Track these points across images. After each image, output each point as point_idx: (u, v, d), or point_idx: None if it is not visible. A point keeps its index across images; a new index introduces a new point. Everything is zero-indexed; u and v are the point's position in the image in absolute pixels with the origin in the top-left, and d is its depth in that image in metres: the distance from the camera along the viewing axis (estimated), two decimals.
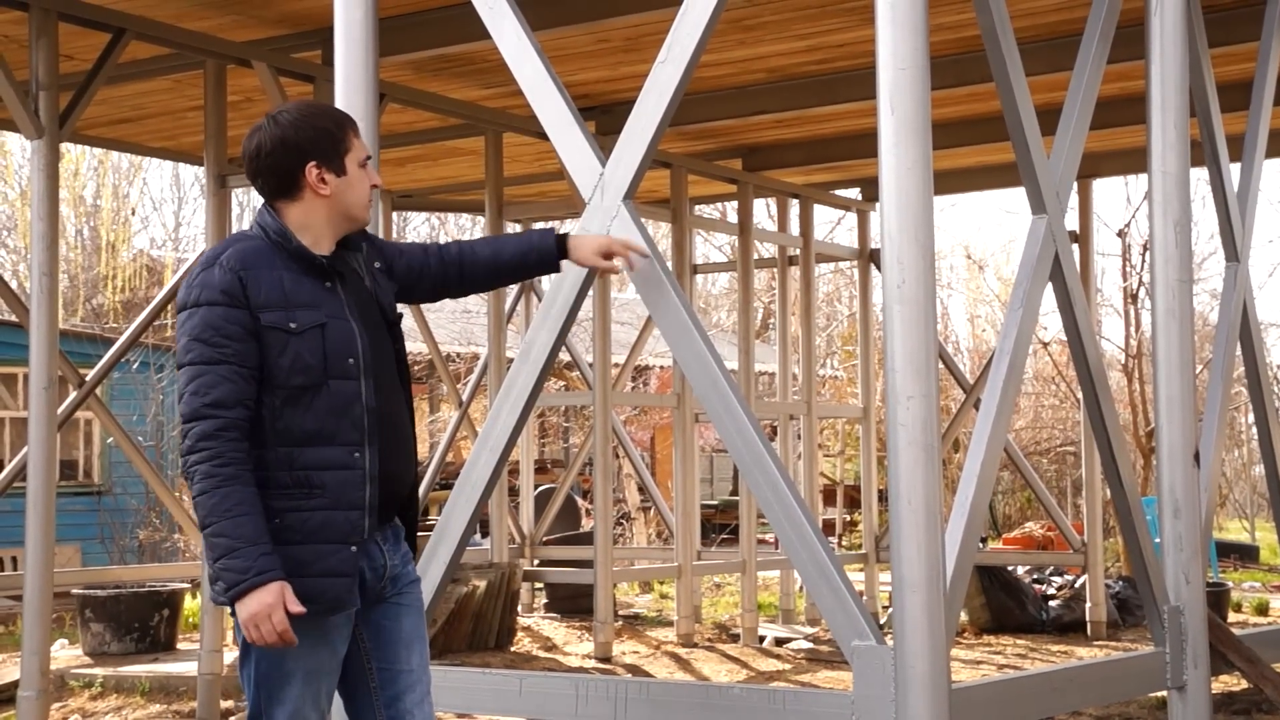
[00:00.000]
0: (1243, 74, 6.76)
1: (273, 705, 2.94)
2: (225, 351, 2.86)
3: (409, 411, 3.14)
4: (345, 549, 2.91)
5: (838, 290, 23.28)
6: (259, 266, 2.92)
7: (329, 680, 3.00)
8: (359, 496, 2.92)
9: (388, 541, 3.07)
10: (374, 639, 3.07)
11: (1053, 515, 10.26)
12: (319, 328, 2.92)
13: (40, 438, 6.04)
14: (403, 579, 3.10)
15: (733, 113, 8.24)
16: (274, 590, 2.79)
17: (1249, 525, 21.08)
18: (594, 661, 8.26)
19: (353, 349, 2.96)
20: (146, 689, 7.25)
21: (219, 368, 2.85)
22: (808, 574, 3.77)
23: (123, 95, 7.68)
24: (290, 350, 2.89)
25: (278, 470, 2.90)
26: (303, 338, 2.90)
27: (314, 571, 2.89)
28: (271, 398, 2.90)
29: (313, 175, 3.00)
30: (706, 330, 4.07)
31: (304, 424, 2.90)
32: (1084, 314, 4.60)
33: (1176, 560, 4.65)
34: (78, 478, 14.20)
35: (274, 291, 2.91)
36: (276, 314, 2.89)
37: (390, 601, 3.08)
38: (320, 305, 2.95)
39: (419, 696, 3.07)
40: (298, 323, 2.90)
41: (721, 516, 16.92)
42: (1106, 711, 6.52)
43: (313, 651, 2.93)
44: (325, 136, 3.01)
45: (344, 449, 2.92)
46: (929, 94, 3.69)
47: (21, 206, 19.69)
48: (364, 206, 3.09)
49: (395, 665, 3.06)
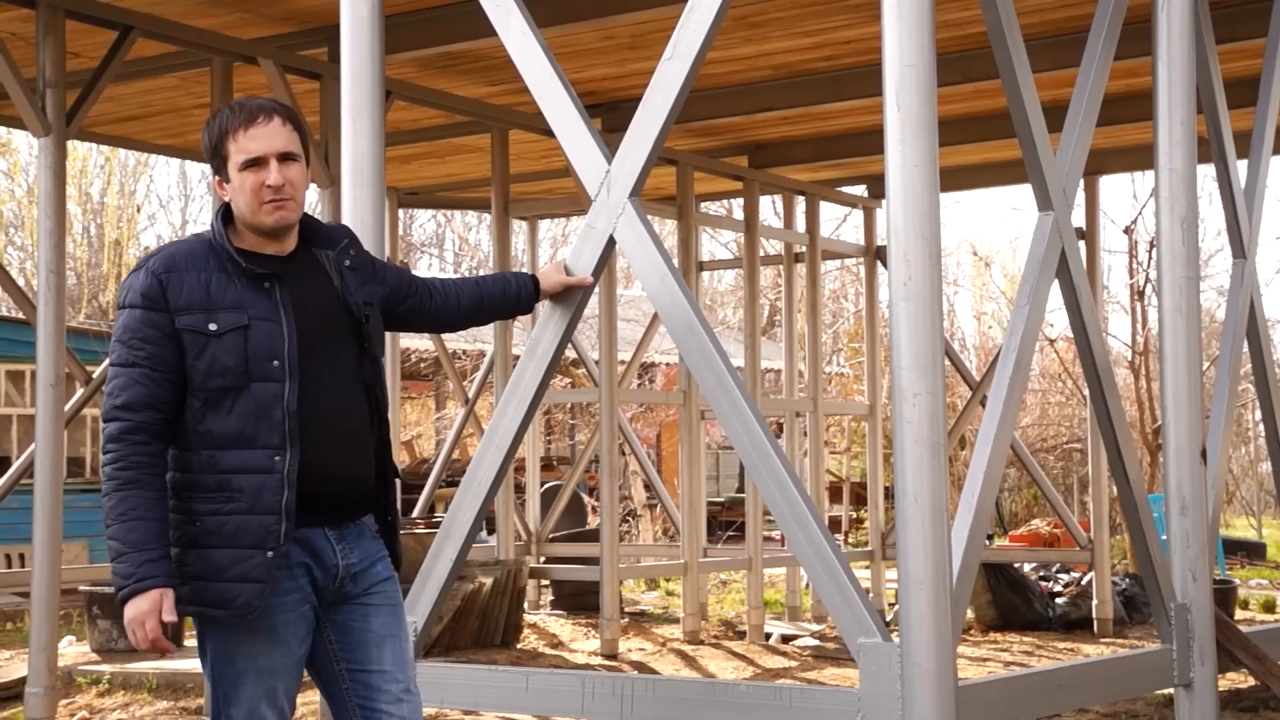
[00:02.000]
0: (1250, 70, 6.74)
1: (229, 705, 2.95)
2: (139, 355, 2.88)
3: (374, 409, 3.07)
4: (259, 554, 2.87)
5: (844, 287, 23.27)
6: (186, 269, 2.91)
7: (285, 680, 2.97)
8: (275, 501, 2.88)
9: (346, 540, 3.01)
10: (342, 640, 3.03)
11: (1059, 512, 10.25)
12: (240, 329, 2.89)
13: (47, 435, 6.05)
14: (369, 578, 3.05)
15: (739, 109, 8.24)
16: (151, 598, 2.81)
17: (1256, 522, 21.06)
18: (600, 658, 8.26)
19: (277, 350, 2.91)
20: (153, 685, 7.27)
21: (132, 370, 2.88)
22: (814, 571, 3.77)
23: (129, 93, 7.69)
24: (209, 352, 2.88)
25: (201, 473, 2.89)
26: (222, 340, 2.88)
27: (227, 576, 2.87)
28: (193, 400, 2.90)
29: (215, 182, 3.04)
30: (712, 327, 4.06)
31: (225, 427, 2.89)
32: (1090, 311, 4.59)
33: (1183, 557, 4.65)
34: (85, 475, 14.22)
35: (196, 294, 2.90)
36: (195, 317, 2.88)
37: (357, 602, 3.04)
38: (247, 306, 2.91)
39: (394, 695, 3.02)
40: (218, 324, 2.88)
41: (728, 513, 16.92)
42: (1113, 709, 6.51)
43: (263, 651, 2.93)
44: (208, 147, 3.01)
45: (264, 452, 2.89)
46: (935, 91, 3.69)
47: (28, 204, 19.72)
48: (255, 210, 2.95)
49: (366, 665, 3.02)
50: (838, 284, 22.81)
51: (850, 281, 22.86)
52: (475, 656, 8.15)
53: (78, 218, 20.77)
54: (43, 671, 5.92)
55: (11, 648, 8.72)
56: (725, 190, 10.76)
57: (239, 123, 2.97)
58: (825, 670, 7.98)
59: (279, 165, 2.97)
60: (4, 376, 14.08)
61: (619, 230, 4.07)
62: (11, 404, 14.06)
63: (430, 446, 19.40)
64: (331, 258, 3.09)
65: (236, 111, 3.00)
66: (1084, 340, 4.60)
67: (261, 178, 2.95)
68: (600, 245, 4.10)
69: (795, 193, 10.22)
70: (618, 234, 4.08)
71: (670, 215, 9.34)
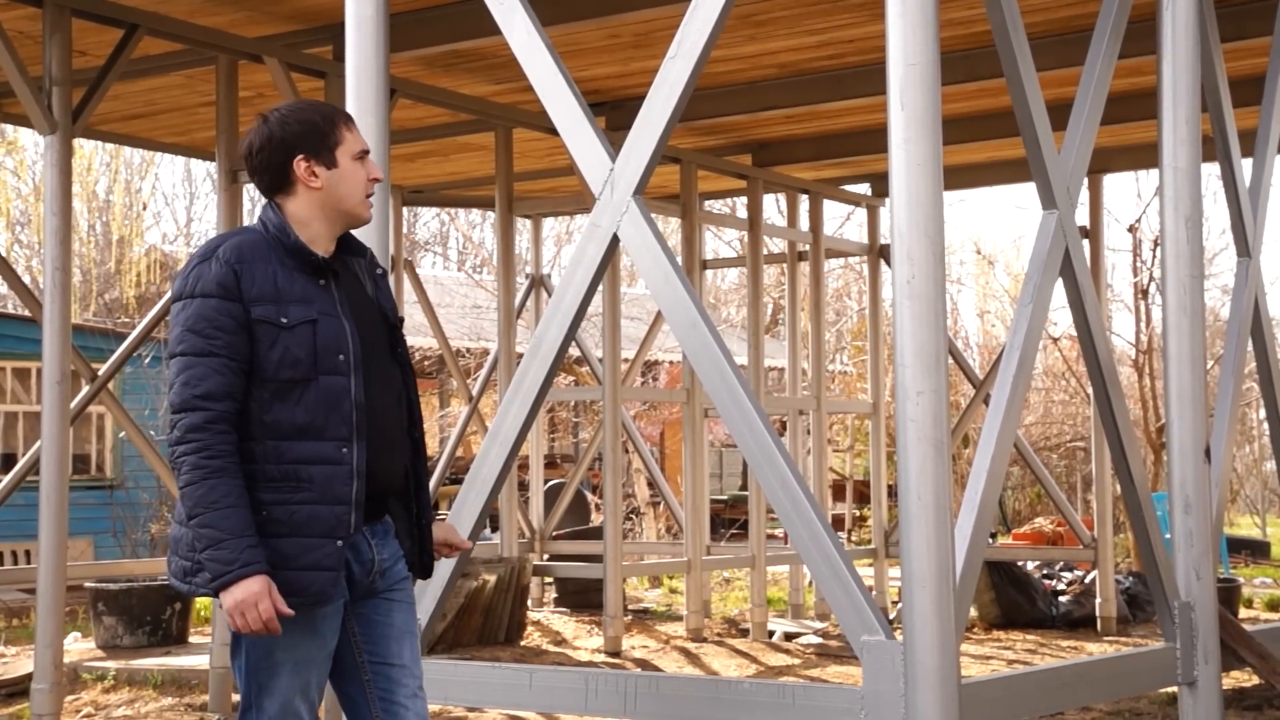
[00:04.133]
0: (1255, 69, 6.75)
1: (263, 695, 2.97)
2: (216, 344, 2.89)
3: (408, 409, 3.15)
4: (331, 543, 2.92)
5: (847, 285, 23.27)
6: (254, 260, 2.95)
7: (318, 671, 3.02)
8: (345, 491, 2.93)
9: (376, 536, 3.08)
10: (366, 633, 3.09)
11: (1063, 510, 10.25)
12: (310, 323, 2.94)
13: (53, 432, 6.06)
14: (393, 575, 3.12)
15: (743, 108, 8.24)
16: (260, 580, 2.83)
17: (1260, 521, 21.04)
18: (603, 656, 8.27)
19: (343, 345, 2.97)
20: (158, 682, 7.29)
21: (210, 360, 2.88)
22: (817, 569, 3.77)
23: (135, 91, 7.71)
24: (280, 344, 2.92)
25: (265, 463, 2.91)
26: (293, 332, 2.92)
27: (299, 565, 2.91)
28: (260, 391, 2.92)
29: (301, 168, 3.02)
30: (716, 325, 4.07)
31: (293, 418, 2.92)
32: (1094, 309, 4.59)
33: (1187, 556, 4.65)
34: (90, 472, 14.24)
35: (266, 286, 2.93)
36: (268, 308, 2.92)
37: (381, 596, 3.10)
38: (313, 301, 2.97)
39: (411, 690, 3.09)
40: (289, 317, 2.93)
41: (731, 511, 16.91)
42: (1116, 707, 6.52)
43: (301, 643, 2.96)
44: (312, 130, 3.03)
45: (333, 444, 2.93)
46: (939, 89, 3.69)
47: (35, 202, 19.76)
48: (359, 200, 3.08)
49: (388, 659, 3.08)
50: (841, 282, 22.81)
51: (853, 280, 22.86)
52: (479, 654, 8.16)
53: (83, 215, 20.80)
54: (48, 667, 5.94)
55: (17, 644, 8.75)
56: (729, 189, 10.76)
57: (344, 117, 3.08)
58: (828, 668, 7.99)
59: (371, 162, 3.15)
60: (10, 374, 14.11)
61: (623, 228, 4.08)
62: (18, 401, 14.09)
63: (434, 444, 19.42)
64: (364, 265, 3.16)
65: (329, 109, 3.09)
66: (1088, 339, 4.61)
67: (369, 171, 3.08)
68: (604, 243, 4.12)
69: (799, 191, 10.22)
70: (622, 232, 4.09)
71: (674, 213, 9.35)
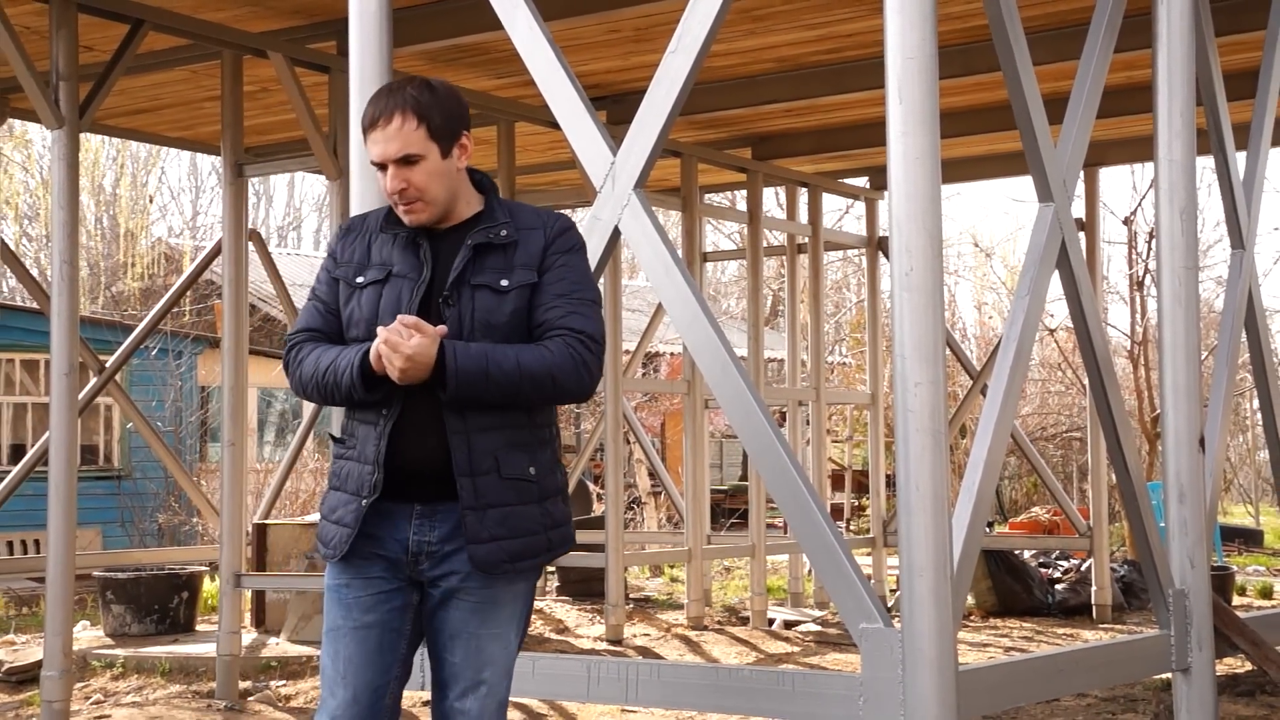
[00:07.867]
0: (1249, 62, 6.78)
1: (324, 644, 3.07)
2: (315, 291, 3.15)
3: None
4: (356, 500, 2.98)
5: (846, 278, 23.31)
6: (361, 229, 3.12)
7: (347, 644, 2.98)
8: (374, 452, 2.95)
9: (426, 518, 2.97)
10: (427, 624, 3.05)
11: (1059, 500, 10.31)
12: (377, 284, 3.02)
13: (61, 423, 6.11)
14: (448, 566, 2.97)
15: (743, 102, 8.28)
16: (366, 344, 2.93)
17: (1253, 510, 21.10)
18: (605, 644, 8.33)
19: (400, 307, 2.96)
20: (166, 669, 7.35)
21: (307, 304, 3.14)
22: (816, 558, 3.80)
23: (141, 86, 7.75)
24: (352, 303, 3.05)
25: (346, 419, 3.07)
26: (362, 293, 3.04)
27: (332, 518, 3.02)
28: None
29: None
30: (716, 317, 4.11)
31: None
32: (1090, 301, 4.62)
33: (1181, 544, 4.67)
34: (98, 462, 14.30)
35: (359, 249, 3.09)
36: (348, 269, 3.08)
37: (438, 587, 3.00)
38: (392, 264, 3.03)
39: (459, 692, 3.00)
40: (364, 278, 3.05)
41: (731, 501, 16.96)
42: (1112, 693, 6.58)
43: (333, 609, 3.03)
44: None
45: (375, 407, 2.98)
46: (937, 83, 3.70)
47: (43, 195, 19.79)
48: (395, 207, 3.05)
49: (439, 654, 3.03)
50: (840, 275, 22.86)
51: (852, 272, 22.90)
52: None
53: (91, 209, 20.83)
54: (58, 655, 5.99)
55: (27, 632, 8.81)
56: (729, 182, 10.80)
57: (367, 122, 3.02)
58: (827, 655, 8.05)
59: (397, 169, 2.97)
60: (19, 365, 14.16)
61: (624, 221, 4.10)
62: (26, 392, 14.14)
63: None
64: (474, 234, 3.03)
65: (372, 105, 3.02)
66: (1084, 330, 4.63)
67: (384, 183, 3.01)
68: (605, 236, 4.13)
69: (798, 184, 10.26)
70: (623, 225, 4.11)
71: (674, 207, 9.39)
